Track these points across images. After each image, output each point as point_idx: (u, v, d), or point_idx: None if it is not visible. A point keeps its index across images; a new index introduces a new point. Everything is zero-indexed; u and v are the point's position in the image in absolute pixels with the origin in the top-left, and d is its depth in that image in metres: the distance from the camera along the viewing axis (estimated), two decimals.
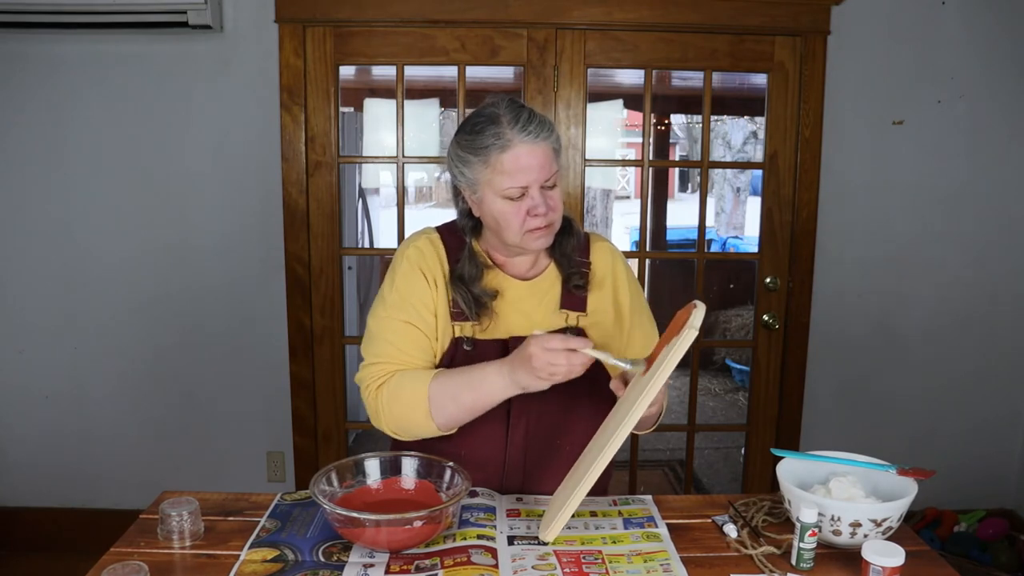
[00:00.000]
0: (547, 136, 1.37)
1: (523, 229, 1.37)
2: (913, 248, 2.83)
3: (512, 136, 1.34)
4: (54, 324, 2.81)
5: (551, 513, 1.29)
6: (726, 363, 5.61)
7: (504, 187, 1.35)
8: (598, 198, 8.77)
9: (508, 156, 1.34)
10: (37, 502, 2.91)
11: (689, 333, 1.17)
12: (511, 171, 1.34)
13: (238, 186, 2.73)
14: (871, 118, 2.74)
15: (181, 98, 2.68)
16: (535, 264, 1.50)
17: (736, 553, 1.28)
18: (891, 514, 1.23)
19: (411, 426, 1.39)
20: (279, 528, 1.33)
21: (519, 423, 1.45)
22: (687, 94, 5.31)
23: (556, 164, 1.39)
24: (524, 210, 1.36)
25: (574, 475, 1.31)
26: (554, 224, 1.40)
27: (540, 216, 1.36)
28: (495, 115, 1.36)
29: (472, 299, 1.42)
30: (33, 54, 2.64)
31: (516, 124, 1.35)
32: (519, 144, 1.34)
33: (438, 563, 1.20)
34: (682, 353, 1.18)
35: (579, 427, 1.46)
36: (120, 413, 2.86)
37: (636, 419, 1.19)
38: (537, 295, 1.48)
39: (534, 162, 1.35)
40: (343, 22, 2.62)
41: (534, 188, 1.36)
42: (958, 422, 2.94)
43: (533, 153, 1.34)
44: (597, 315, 1.50)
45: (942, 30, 2.70)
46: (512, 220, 1.37)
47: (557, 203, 1.39)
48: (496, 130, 1.35)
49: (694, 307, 1.22)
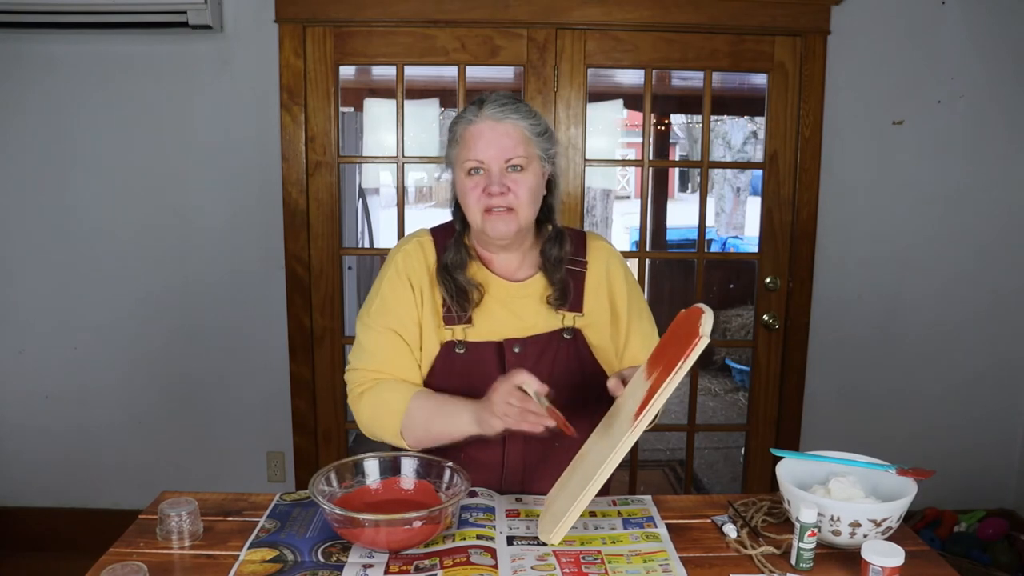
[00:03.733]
0: (517, 117, 1.39)
1: (480, 207, 1.38)
2: (913, 248, 2.83)
3: (479, 113, 1.38)
4: (54, 324, 2.81)
5: (550, 514, 1.29)
6: (726, 363, 5.61)
7: (463, 159, 1.39)
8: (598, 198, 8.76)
9: (472, 129, 1.38)
10: (37, 502, 2.91)
11: (701, 342, 1.16)
12: (470, 144, 1.38)
13: (238, 186, 2.73)
14: (871, 118, 2.74)
15: (181, 98, 2.68)
16: (523, 266, 1.50)
17: (736, 553, 1.28)
18: (891, 514, 1.23)
19: (384, 437, 1.43)
20: (278, 528, 1.33)
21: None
22: (687, 94, 5.30)
23: (529, 150, 1.39)
24: (481, 187, 1.38)
25: (573, 476, 1.30)
26: (517, 211, 1.39)
27: (497, 196, 1.37)
28: (480, 100, 1.41)
29: (456, 289, 1.42)
30: (33, 54, 2.64)
31: (487, 104, 1.39)
32: (483, 120, 1.38)
33: (437, 563, 1.20)
34: (692, 362, 1.16)
35: (577, 428, 1.45)
36: (120, 413, 2.86)
37: (640, 431, 1.19)
38: (529, 297, 1.48)
39: (494, 138, 1.37)
40: (343, 22, 2.62)
41: (493, 165, 1.37)
42: (958, 422, 2.94)
43: (495, 129, 1.37)
44: (593, 316, 1.50)
45: (942, 30, 2.70)
46: (469, 195, 1.39)
47: (520, 188, 1.38)
48: (471, 109, 1.40)
49: (702, 312, 1.20)
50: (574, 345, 1.47)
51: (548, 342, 1.45)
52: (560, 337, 1.46)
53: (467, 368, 1.43)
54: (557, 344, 1.45)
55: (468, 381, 1.42)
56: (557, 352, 1.45)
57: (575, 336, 1.47)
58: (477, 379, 1.41)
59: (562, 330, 1.46)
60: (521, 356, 1.43)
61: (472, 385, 1.41)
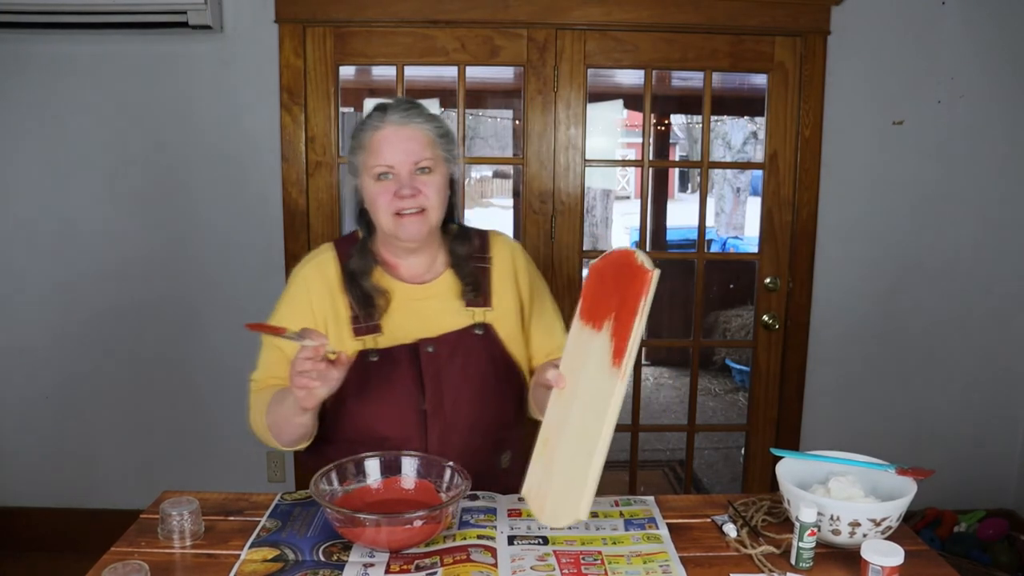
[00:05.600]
0: (421, 121, 1.42)
1: (391, 211, 1.40)
2: (913, 248, 2.83)
3: (384, 119, 1.41)
4: (54, 324, 2.81)
5: (555, 496, 1.19)
6: (726, 363, 5.61)
7: (371, 165, 1.40)
8: (598, 198, 8.77)
9: (378, 136, 1.40)
10: (37, 502, 2.91)
11: (654, 275, 1.17)
12: (378, 149, 1.40)
13: (238, 186, 2.73)
14: (871, 118, 2.74)
15: (181, 98, 2.68)
16: (431, 267, 1.52)
17: (736, 553, 1.28)
18: (890, 514, 1.23)
19: (266, 441, 1.47)
20: (279, 528, 1.33)
21: (435, 423, 1.45)
22: (687, 94, 5.31)
23: (435, 152, 1.42)
24: (391, 191, 1.39)
25: (558, 452, 1.22)
26: (427, 212, 1.42)
27: (408, 199, 1.39)
28: (383, 106, 1.44)
29: (362, 295, 1.44)
30: (33, 54, 2.64)
31: (391, 110, 1.41)
32: (389, 125, 1.41)
33: (438, 562, 1.20)
34: (651, 298, 1.16)
35: (497, 420, 1.51)
36: (120, 413, 2.86)
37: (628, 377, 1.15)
38: (438, 297, 1.50)
39: (400, 142, 1.39)
40: (343, 22, 2.62)
41: (402, 169, 1.40)
42: (958, 422, 2.94)
43: (400, 134, 1.40)
44: (502, 308, 1.52)
45: (942, 30, 2.70)
46: (380, 200, 1.40)
47: (430, 190, 1.41)
48: (375, 115, 1.42)
49: (632, 252, 1.21)
50: (486, 340, 1.49)
51: (460, 339, 1.47)
52: (471, 333, 1.48)
53: (383, 374, 1.44)
54: (469, 340, 1.48)
55: (383, 387, 1.44)
56: (470, 348, 1.47)
57: (486, 331, 1.49)
58: (395, 384, 1.43)
59: (473, 326, 1.49)
60: (435, 355, 1.45)
61: (391, 391, 1.43)
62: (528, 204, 2.77)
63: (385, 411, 1.44)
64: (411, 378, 1.43)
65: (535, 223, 2.77)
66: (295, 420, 1.35)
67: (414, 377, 1.43)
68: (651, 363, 5.78)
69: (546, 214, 2.76)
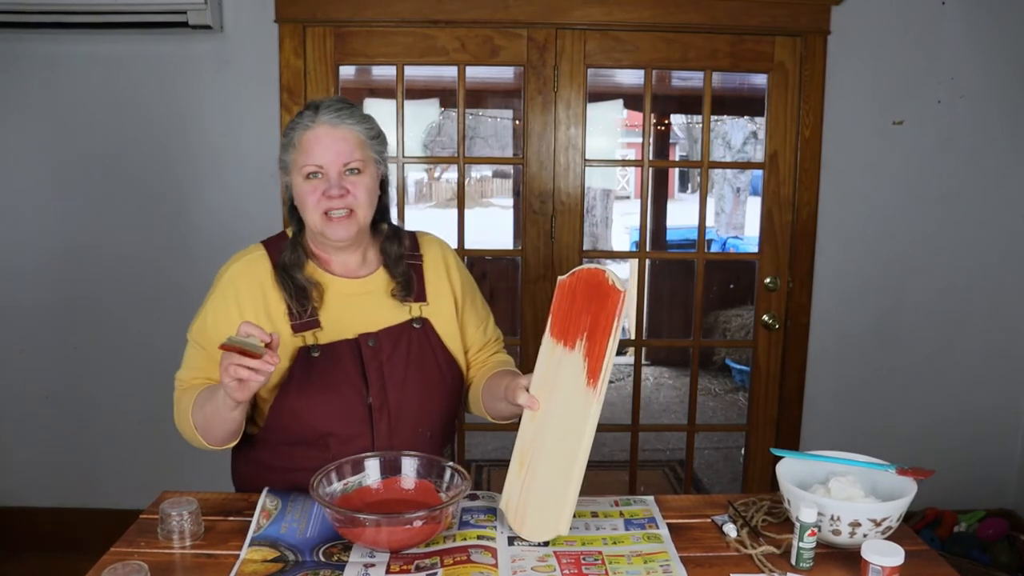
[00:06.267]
0: (352, 122, 1.42)
1: (319, 210, 1.41)
2: (913, 248, 2.83)
3: (315, 119, 1.41)
4: (54, 324, 2.81)
5: (535, 511, 1.27)
6: (726, 363, 5.61)
7: (301, 164, 1.41)
8: (598, 198, 8.75)
9: (308, 135, 1.40)
10: (37, 502, 2.91)
11: (626, 296, 1.23)
12: (308, 149, 1.40)
13: (238, 186, 2.73)
14: (871, 118, 2.74)
15: (181, 98, 2.68)
16: (364, 263, 1.53)
17: (736, 553, 1.28)
18: (890, 514, 1.23)
19: (192, 440, 1.50)
20: (280, 509, 1.33)
21: (381, 417, 1.45)
22: (687, 94, 5.31)
23: (365, 153, 1.43)
24: (320, 191, 1.40)
25: (538, 467, 1.29)
26: (356, 213, 1.42)
27: (336, 199, 1.40)
28: (314, 105, 1.43)
29: (296, 288, 1.44)
30: (33, 54, 2.64)
31: (323, 110, 1.41)
32: (320, 125, 1.40)
33: (438, 562, 1.20)
34: (624, 317, 1.22)
35: (438, 414, 1.53)
36: (120, 413, 2.86)
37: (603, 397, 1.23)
38: (373, 292, 1.51)
39: (331, 143, 1.40)
40: (343, 22, 2.62)
41: (331, 169, 1.40)
42: (958, 422, 2.94)
43: (331, 135, 1.40)
44: (438, 302, 1.55)
45: (942, 30, 2.70)
46: (308, 199, 1.41)
47: (359, 191, 1.42)
48: (307, 114, 1.42)
49: (603, 271, 1.26)
50: (424, 334, 1.51)
51: (400, 333, 1.49)
52: (411, 327, 1.50)
53: (325, 369, 1.44)
54: (409, 334, 1.49)
55: (327, 382, 1.44)
56: (410, 342, 1.49)
57: (424, 325, 1.51)
58: (338, 378, 1.43)
59: (411, 320, 1.50)
60: (376, 349, 1.46)
61: (333, 386, 1.43)
62: (528, 204, 2.77)
63: (330, 407, 1.44)
64: (355, 372, 1.44)
65: (535, 223, 2.77)
66: (226, 416, 1.35)
67: (357, 371, 1.44)
68: (651, 363, 5.78)
69: (546, 214, 2.76)
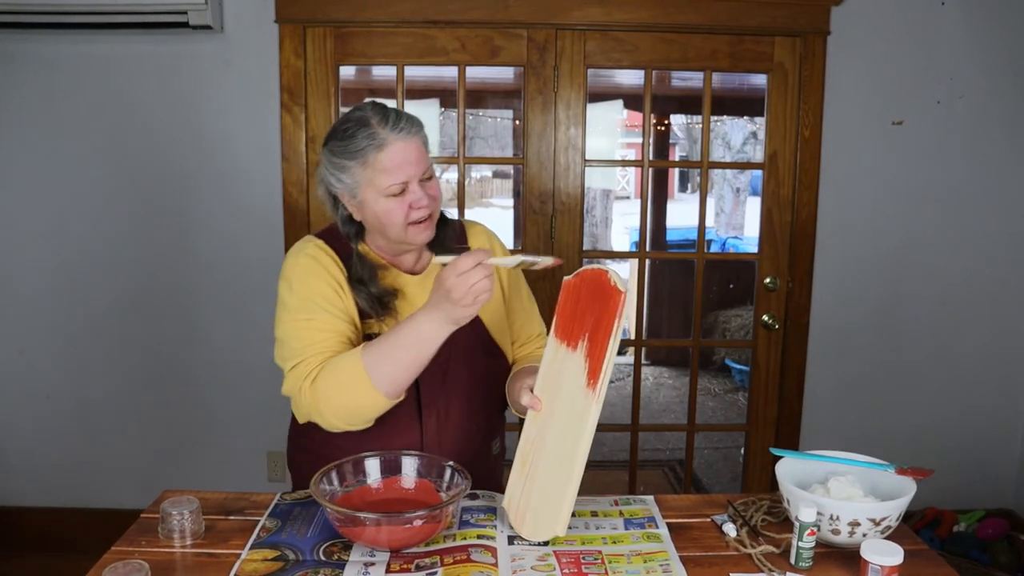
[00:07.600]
0: (417, 132, 1.43)
1: (407, 223, 1.41)
2: (913, 248, 2.83)
3: (386, 135, 1.38)
4: (54, 324, 2.81)
5: (534, 511, 1.28)
6: (726, 363, 5.61)
7: (385, 185, 1.39)
8: (598, 198, 8.75)
9: (385, 155, 1.38)
10: (38, 502, 2.91)
11: (627, 297, 1.23)
12: (390, 168, 1.38)
13: (238, 186, 2.73)
14: (871, 118, 2.74)
15: (181, 98, 2.68)
16: (419, 259, 1.54)
17: (735, 552, 1.28)
18: (890, 513, 1.23)
19: (358, 406, 1.34)
20: (279, 528, 1.33)
21: (430, 413, 1.46)
22: (687, 94, 5.30)
23: (429, 157, 1.45)
24: (407, 204, 1.40)
25: (539, 465, 1.30)
26: (435, 215, 1.45)
27: (423, 208, 1.41)
28: (364, 118, 1.40)
29: (373, 299, 1.45)
30: (32, 54, 2.64)
31: (387, 124, 1.39)
32: (394, 142, 1.38)
33: (438, 561, 1.20)
34: (625, 319, 1.22)
35: (478, 400, 1.52)
36: (120, 413, 2.86)
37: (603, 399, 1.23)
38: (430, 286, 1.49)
39: (411, 157, 1.40)
40: (343, 22, 2.62)
41: (414, 182, 1.40)
42: (958, 422, 2.94)
43: (408, 149, 1.39)
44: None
45: (942, 30, 2.70)
46: (396, 216, 1.40)
47: (437, 192, 1.45)
48: (369, 131, 1.38)
49: (606, 272, 1.26)
50: (474, 326, 1.48)
51: None
52: None
53: None
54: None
55: None
56: (460, 334, 1.44)
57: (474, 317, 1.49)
58: None
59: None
60: None
61: None
62: (528, 204, 2.77)
63: None
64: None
65: (535, 223, 2.77)
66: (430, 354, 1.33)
67: None
68: (651, 363, 5.78)
69: (546, 214, 2.76)
